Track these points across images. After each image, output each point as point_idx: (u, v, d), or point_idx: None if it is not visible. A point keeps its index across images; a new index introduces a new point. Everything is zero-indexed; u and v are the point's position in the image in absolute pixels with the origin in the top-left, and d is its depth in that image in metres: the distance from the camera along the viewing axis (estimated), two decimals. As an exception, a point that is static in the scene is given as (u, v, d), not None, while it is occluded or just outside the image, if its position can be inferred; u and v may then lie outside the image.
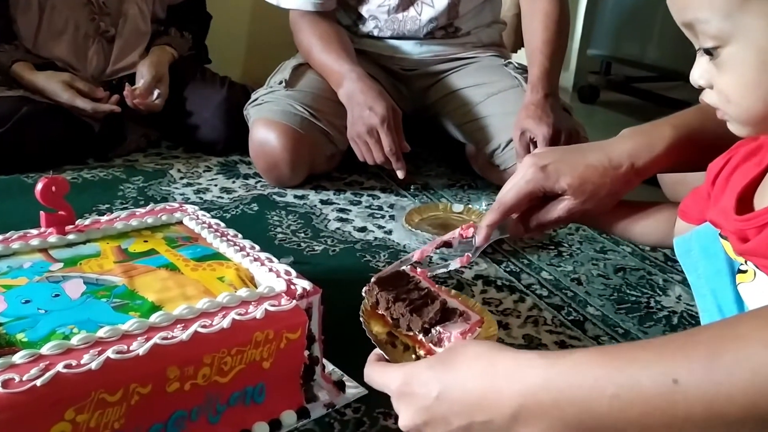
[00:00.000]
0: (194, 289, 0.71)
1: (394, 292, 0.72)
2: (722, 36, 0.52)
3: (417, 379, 0.54)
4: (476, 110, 1.49)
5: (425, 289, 0.72)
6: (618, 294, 1.04)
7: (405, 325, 0.69)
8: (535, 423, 0.48)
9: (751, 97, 0.53)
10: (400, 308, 0.69)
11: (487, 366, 0.51)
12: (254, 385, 0.67)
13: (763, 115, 0.53)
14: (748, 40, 0.51)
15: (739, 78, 0.53)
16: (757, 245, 0.56)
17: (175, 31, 1.71)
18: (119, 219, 0.86)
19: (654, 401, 0.43)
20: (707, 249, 0.63)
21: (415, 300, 0.70)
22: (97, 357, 0.58)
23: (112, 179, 1.44)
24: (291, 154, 1.37)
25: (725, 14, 0.51)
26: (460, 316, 0.68)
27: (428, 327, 0.67)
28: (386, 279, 0.75)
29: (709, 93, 0.56)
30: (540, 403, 0.47)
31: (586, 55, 2.65)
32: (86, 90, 1.50)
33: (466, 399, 0.51)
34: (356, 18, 1.56)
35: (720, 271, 0.62)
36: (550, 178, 0.77)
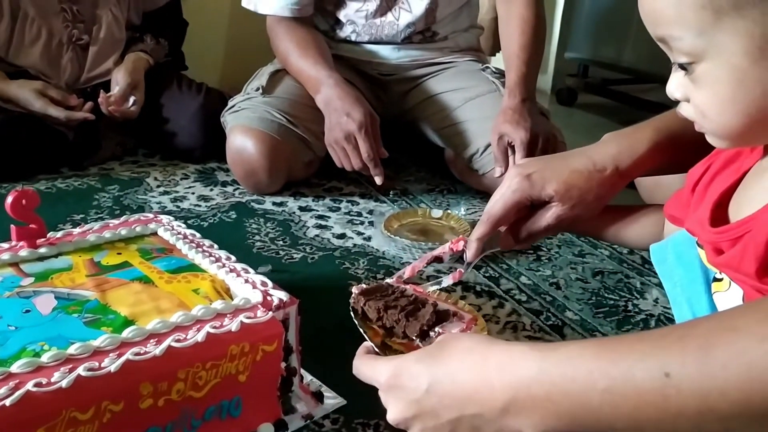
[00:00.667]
0: (168, 303, 0.70)
1: (382, 301, 0.70)
2: (696, 53, 0.52)
3: (406, 372, 0.54)
4: (454, 115, 1.49)
5: (412, 295, 0.72)
6: (596, 298, 1.05)
7: (400, 331, 0.67)
8: (527, 416, 0.47)
9: (726, 113, 0.53)
10: (393, 315, 0.68)
11: (478, 359, 0.50)
12: (230, 399, 0.66)
13: (740, 130, 0.53)
14: (722, 58, 0.50)
15: (714, 94, 0.53)
16: (730, 259, 0.56)
17: (151, 38, 1.69)
18: (92, 231, 0.84)
19: (647, 395, 0.43)
20: (683, 257, 0.64)
21: (406, 306, 0.69)
22: (68, 375, 0.56)
23: (86, 189, 1.42)
24: (269, 161, 1.36)
25: (698, 32, 0.50)
26: (454, 316, 0.68)
27: (426, 329, 0.66)
28: (370, 290, 0.74)
29: (686, 106, 0.56)
30: (532, 396, 0.47)
31: (563, 58, 2.67)
32: (59, 98, 1.48)
33: (456, 392, 0.50)
34: (334, 23, 1.56)
35: (695, 280, 0.62)
36: (536, 185, 0.77)
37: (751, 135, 0.55)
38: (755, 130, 0.53)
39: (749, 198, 0.57)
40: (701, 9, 0.49)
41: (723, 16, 0.49)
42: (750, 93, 0.51)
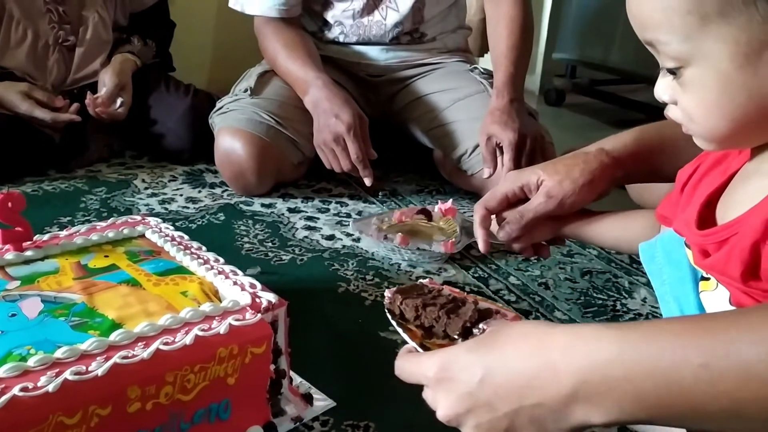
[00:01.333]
0: (156, 305, 0.69)
1: (419, 299, 0.66)
2: (682, 57, 0.52)
3: (456, 363, 0.50)
4: (443, 116, 1.49)
5: (450, 295, 0.68)
6: (585, 297, 1.05)
7: (441, 330, 0.63)
8: (598, 402, 0.44)
9: (713, 117, 0.53)
10: (432, 313, 0.64)
11: (537, 343, 0.47)
12: (219, 402, 0.65)
13: (727, 134, 0.54)
14: (709, 63, 0.50)
15: (701, 99, 0.53)
16: (715, 262, 0.56)
17: (138, 39, 1.68)
18: (79, 234, 0.84)
19: (754, 369, 0.40)
20: (671, 256, 0.64)
21: (446, 304, 0.66)
22: (55, 379, 0.56)
23: (73, 191, 1.41)
24: (257, 163, 1.35)
25: (685, 37, 0.50)
26: (496, 313, 0.65)
27: (469, 326, 0.62)
28: (406, 289, 0.70)
29: (673, 109, 0.56)
30: (607, 378, 0.44)
31: (551, 59, 2.68)
32: (45, 100, 1.47)
33: (513, 381, 0.47)
34: (322, 24, 1.55)
35: (683, 279, 0.62)
36: (525, 173, 0.83)
37: (738, 139, 0.55)
38: (741, 134, 0.54)
39: (736, 201, 0.57)
40: (687, 14, 0.49)
41: (709, 22, 0.49)
42: (736, 98, 0.51)
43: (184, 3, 2.03)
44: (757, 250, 0.51)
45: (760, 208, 0.52)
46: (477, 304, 0.65)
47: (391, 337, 0.91)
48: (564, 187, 0.80)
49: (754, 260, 0.52)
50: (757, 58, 0.48)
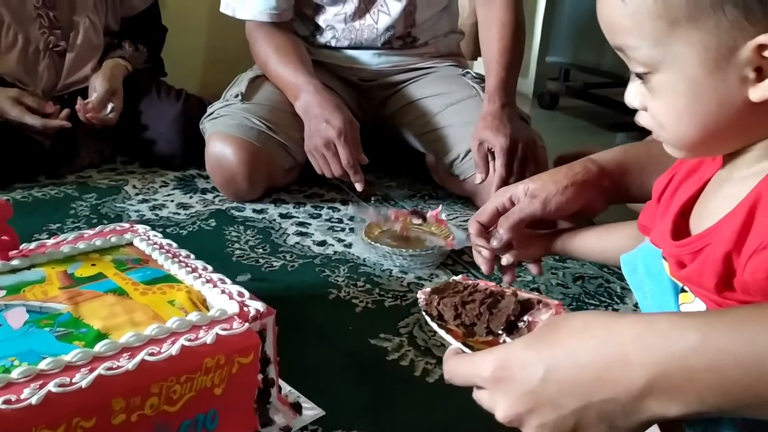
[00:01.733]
0: (143, 315, 0.69)
1: (457, 297, 0.64)
2: (652, 63, 0.51)
3: (515, 360, 0.48)
4: (435, 120, 1.49)
5: (487, 289, 0.65)
6: (577, 303, 1.05)
7: (483, 327, 0.61)
8: (676, 395, 0.42)
9: (683, 124, 0.52)
10: (473, 310, 0.62)
11: (603, 334, 0.45)
12: (206, 413, 0.65)
13: (696, 141, 0.53)
14: (678, 68, 0.50)
15: (670, 105, 0.52)
16: (690, 274, 0.55)
17: (130, 44, 1.68)
18: (66, 242, 0.83)
19: None
20: (651, 267, 0.63)
21: (485, 299, 0.62)
22: (38, 391, 0.55)
23: (63, 197, 1.40)
24: (248, 168, 1.35)
25: (654, 42, 0.50)
26: (539, 303, 0.62)
27: (513, 320, 0.60)
28: (441, 288, 0.67)
29: (644, 115, 0.56)
30: (688, 369, 0.41)
31: (545, 62, 2.68)
32: (35, 106, 1.47)
33: (580, 376, 0.45)
34: (313, 28, 1.55)
35: (665, 291, 0.62)
36: (513, 186, 0.85)
37: (708, 146, 0.54)
38: (712, 141, 0.53)
39: (709, 210, 0.56)
40: (657, 19, 0.49)
41: (678, 27, 0.48)
42: (706, 105, 0.50)
43: (176, 7, 2.03)
44: (730, 261, 0.51)
45: (731, 218, 0.51)
46: (517, 296, 0.63)
47: (381, 344, 0.91)
48: (547, 187, 0.81)
49: (727, 271, 0.51)
50: (726, 64, 0.48)
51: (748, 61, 0.47)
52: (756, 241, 0.48)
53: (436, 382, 0.83)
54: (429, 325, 0.64)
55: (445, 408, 0.78)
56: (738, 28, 0.46)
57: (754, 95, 0.48)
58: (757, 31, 0.46)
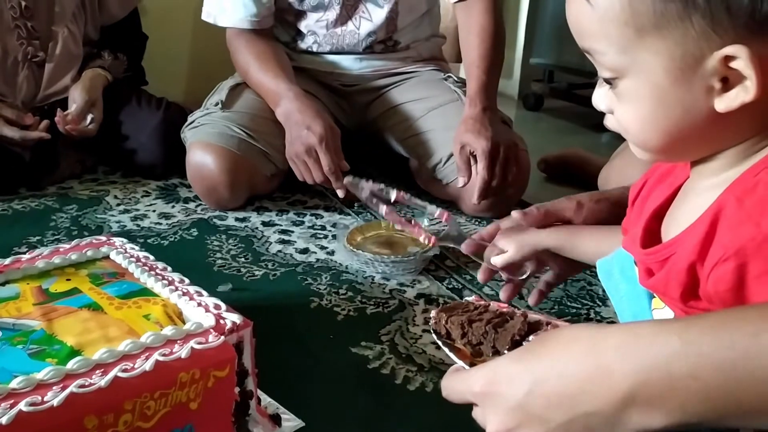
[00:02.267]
0: (117, 330, 0.68)
1: (465, 316, 0.63)
2: (618, 69, 0.51)
3: (502, 375, 0.47)
4: (417, 125, 1.49)
5: (497, 310, 0.65)
6: (559, 306, 1.05)
7: (489, 346, 0.60)
8: (659, 404, 0.41)
9: (647, 131, 0.52)
10: (479, 329, 0.61)
11: (588, 345, 0.44)
12: (182, 428, 0.64)
13: (660, 148, 0.53)
14: (644, 75, 0.50)
15: (635, 111, 0.52)
16: (656, 283, 0.55)
17: (109, 53, 1.67)
18: (41, 257, 0.82)
19: None
20: (626, 272, 0.63)
21: (493, 319, 0.62)
22: (9, 411, 0.55)
23: (44, 209, 1.39)
24: (229, 177, 1.34)
25: (621, 48, 0.50)
26: (547, 325, 0.62)
27: (519, 339, 0.59)
28: (451, 307, 0.67)
29: (611, 118, 0.56)
30: (670, 376, 0.40)
31: (529, 64, 2.69)
32: (14, 117, 1.46)
33: (566, 388, 0.44)
34: (295, 34, 1.55)
35: (639, 296, 0.62)
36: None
37: (672, 152, 0.54)
38: (676, 148, 0.53)
39: (677, 219, 0.56)
40: (624, 26, 0.48)
41: (645, 34, 0.48)
42: (670, 112, 0.50)
43: (158, 15, 2.02)
44: (694, 272, 0.51)
45: (695, 229, 0.51)
46: (526, 317, 0.62)
47: (363, 353, 0.91)
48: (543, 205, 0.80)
49: (692, 281, 0.51)
50: (692, 73, 0.48)
51: (714, 72, 0.47)
52: (718, 252, 0.48)
53: (417, 390, 0.83)
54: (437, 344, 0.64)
55: (427, 416, 0.78)
56: (705, 38, 0.46)
57: (720, 105, 0.48)
58: (724, 42, 0.46)
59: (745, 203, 0.48)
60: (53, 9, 1.57)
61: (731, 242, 0.47)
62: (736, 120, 0.49)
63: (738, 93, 0.47)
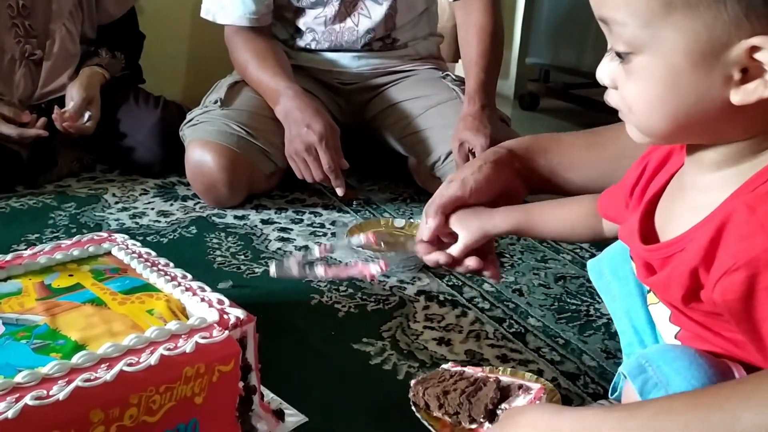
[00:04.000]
0: (121, 325, 0.68)
1: (439, 387, 0.67)
2: (636, 43, 0.48)
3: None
4: (416, 123, 1.49)
5: (472, 376, 0.69)
6: (559, 303, 1.05)
7: (466, 416, 0.64)
8: None
9: (654, 113, 0.50)
10: (454, 400, 0.65)
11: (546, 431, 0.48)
12: (187, 422, 0.64)
13: (664, 133, 0.51)
14: (662, 54, 0.47)
15: (645, 91, 0.50)
16: (656, 283, 0.55)
17: (106, 52, 1.66)
18: (43, 253, 0.82)
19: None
20: (618, 272, 0.63)
21: (466, 388, 0.66)
22: (14, 405, 0.55)
23: (42, 207, 1.39)
24: (228, 175, 1.34)
25: (645, 22, 0.47)
26: (519, 389, 0.65)
27: (492, 408, 0.63)
28: (426, 378, 0.71)
29: (613, 94, 0.53)
30: None
31: (525, 63, 2.69)
32: (11, 115, 1.45)
33: None
34: (293, 31, 1.55)
35: (631, 294, 0.62)
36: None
37: (674, 138, 0.53)
38: (680, 134, 0.51)
39: (675, 213, 0.55)
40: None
41: (673, 10, 0.46)
42: (683, 98, 0.48)
43: (155, 13, 2.01)
44: (697, 276, 0.50)
45: (699, 232, 0.50)
46: (499, 383, 0.66)
47: (364, 349, 0.91)
48: (463, 170, 0.81)
49: (694, 285, 0.51)
50: (714, 59, 0.46)
51: (737, 61, 0.45)
52: (727, 261, 0.47)
53: (419, 386, 0.83)
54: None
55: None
56: (735, 25, 0.44)
57: (735, 98, 0.46)
58: (754, 31, 0.44)
59: (757, 212, 0.46)
60: (50, 7, 1.57)
61: (742, 253, 0.46)
62: (748, 115, 0.48)
63: (757, 86, 0.45)
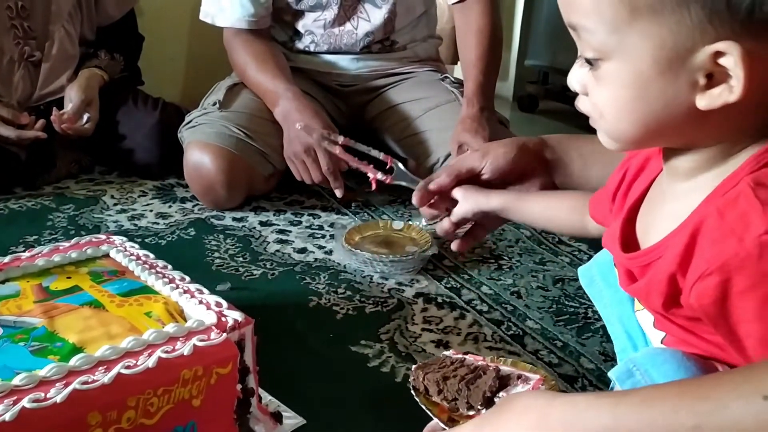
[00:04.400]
0: (119, 327, 0.68)
1: (440, 373, 0.67)
2: (604, 50, 0.49)
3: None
4: (414, 125, 1.49)
5: (472, 364, 0.69)
6: (557, 306, 1.05)
7: (464, 403, 0.64)
8: None
9: (624, 119, 0.50)
10: (453, 386, 0.65)
11: (537, 416, 0.48)
12: (184, 425, 0.64)
13: (634, 138, 0.52)
14: (629, 60, 0.48)
15: (614, 96, 0.50)
16: (638, 290, 0.55)
17: (105, 53, 1.66)
18: (41, 255, 0.82)
19: (744, 424, 0.41)
20: (608, 278, 0.63)
21: (466, 375, 0.66)
22: (12, 407, 0.55)
23: (40, 209, 1.39)
24: (226, 176, 1.34)
25: (612, 28, 0.48)
26: (518, 378, 0.65)
27: (490, 396, 0.63)
28: (428, 364, 0.71)
29: (584, 100, 0.54)
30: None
31: (524, 65, 2.70)
32: (10, 117, 1.45)
33: None
34: (292, 34, 1.55)
35: (622, 300, 0.62)
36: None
37: (645, 143, 0.53)
38: (649, 139, 0.52)
39: (654, 220, 0.55)
40: (618, 4, 0.47)
41: (639, 17, 0.46)
42: (651, 103, 0.48)
43: (155, 15, 2.01)
44: (675, 282, 0.50)
45: (674, 239, 0.50)
46: (498, 371, 0.66)
47: (362, 351, 0.91)
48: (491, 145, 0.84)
49: (673, 291, 0.51)
50: (679, 65, 0.46)
51: (701, 66, 0.46)
52: (701, 267, 0.47)
53: (417, 388, 0.83)
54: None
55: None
56: (699, 30, 0.45)
57: (701, 103, 0.47)
58: (718, 36, 0.45)
59: (726, 217, 0.47)
60: (50, 8, 1.57)
61: (714, 257, 0.47)
62: (715, 120, 0.48)
63: (722, 92, 0.46)
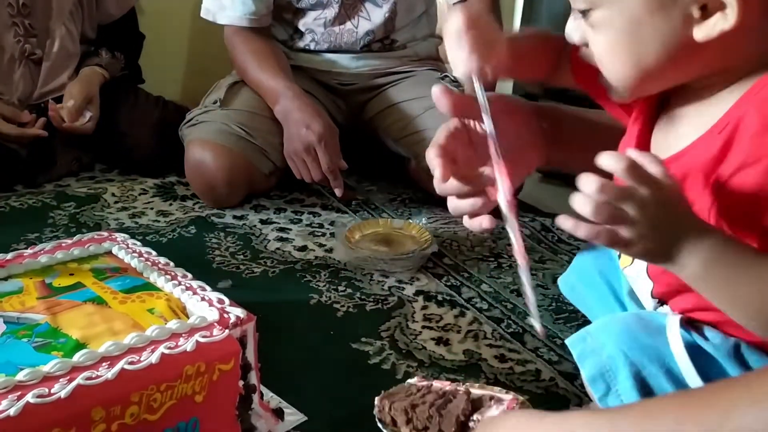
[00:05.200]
0: (122, 324, 0.68)
1: (407, 401, 0.65)
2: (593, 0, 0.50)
3: None
4: (414, 124, 1.49)
5: (440, 389, 0.67)
6: (556, 304, 1.06)
7: (436, 430, 0.62)
8: None
9: (619, 63, 0.51)
10: (423, 413, 0.63)
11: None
12: (187, 421, 0.65)
13: (632, 82, 0.52)
14: (619, 5, 0.49)
15: (608, 42, 0.51)
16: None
17: (106, 52, 1.66)
18: (44, 252, 0.82)
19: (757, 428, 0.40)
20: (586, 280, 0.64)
21: (436, 401, 0.64)
22: (16, 402, 0.55)
23: (41, 206, 1.39)
24: (227, 174, 1.35)
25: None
26: (491, 400, 0.64)
27: (464, 420, 0.61)
28: (393, 392, 0.69)
29: (586, 51, 0.55)
30: None
31: (523, 64, 2.70)
32: (10, 115, 1.45)
33: None
34: (293, 32, 1.55)
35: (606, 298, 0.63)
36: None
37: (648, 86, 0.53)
38: (653, 80, 0.52)
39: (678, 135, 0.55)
40: None
41: None
42: (648, 44, 0.49)
43: (156, 14, 2.01)
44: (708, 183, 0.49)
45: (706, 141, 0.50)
46: (469, 394, 0.64)
47: (363, 348, 0.91)
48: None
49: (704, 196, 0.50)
50: (670, 2, 0.47)
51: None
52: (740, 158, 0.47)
53: (417, 385, 0.84)
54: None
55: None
56: None
57: (699, 34, 0.47)
58: None
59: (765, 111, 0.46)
60: (51, 6, 1.57)
61: (755, 149, 0.46)
62: (715, 50, 0.48)
63: (717, 21, 0.46)
